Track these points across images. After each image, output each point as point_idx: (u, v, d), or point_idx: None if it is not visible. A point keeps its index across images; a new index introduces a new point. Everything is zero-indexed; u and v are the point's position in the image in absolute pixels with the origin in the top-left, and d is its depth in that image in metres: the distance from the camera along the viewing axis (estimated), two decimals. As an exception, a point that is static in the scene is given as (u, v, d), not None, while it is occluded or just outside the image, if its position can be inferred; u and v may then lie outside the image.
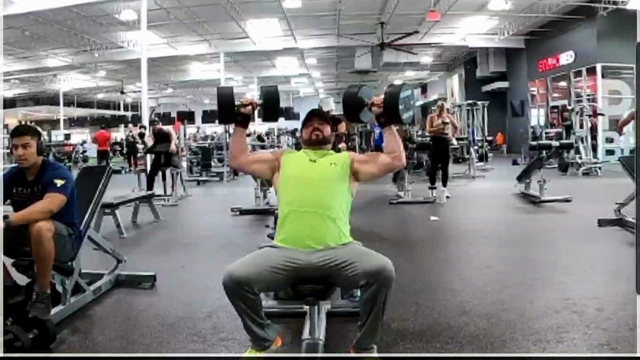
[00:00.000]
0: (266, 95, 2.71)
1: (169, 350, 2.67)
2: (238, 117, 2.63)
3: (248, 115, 2.64)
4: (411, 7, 14.56)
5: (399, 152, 2.52)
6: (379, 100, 2.55)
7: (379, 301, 2.12)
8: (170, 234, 6.09)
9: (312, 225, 2.35)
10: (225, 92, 2.67)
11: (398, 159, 2.52)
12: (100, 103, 33.94)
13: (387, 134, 2.57)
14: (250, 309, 2.18)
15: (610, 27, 13.84)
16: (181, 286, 3.80)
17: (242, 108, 2.61)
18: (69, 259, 3.11)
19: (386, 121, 2.56)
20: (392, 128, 2.57)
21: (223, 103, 2.63)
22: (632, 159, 5.93)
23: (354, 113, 2.69)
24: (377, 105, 2.55)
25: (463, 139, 14.27)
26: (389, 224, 6.52)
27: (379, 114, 2.56)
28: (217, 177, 12.73)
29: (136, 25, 13.55)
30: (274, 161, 2.62)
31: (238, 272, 2.16)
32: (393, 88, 2.55)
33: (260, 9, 14.60)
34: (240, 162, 2.68)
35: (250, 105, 2.61)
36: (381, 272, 2.10)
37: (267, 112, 2.72)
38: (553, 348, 2.55)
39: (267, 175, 2.67)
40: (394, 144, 2.53)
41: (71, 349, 2.71)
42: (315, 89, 33.30)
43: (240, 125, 2.66)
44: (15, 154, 2.98)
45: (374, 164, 2.57)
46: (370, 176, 2.58)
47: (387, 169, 2.59)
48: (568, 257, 4.40)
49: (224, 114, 2.66)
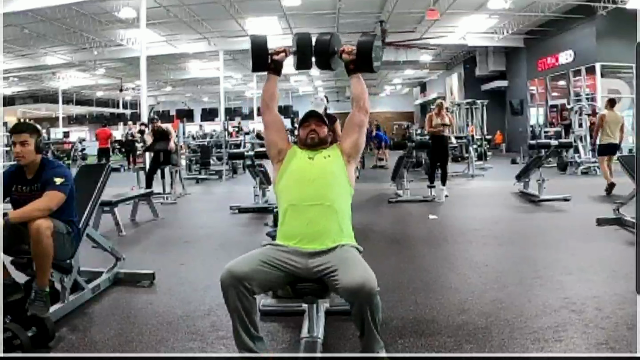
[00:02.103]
0: (299, 41, 2.74)
1: (168, 349, 2.67)
2: (271, 64, 2.68)
3: (281, 62, 2.69)
4: (411, 6, 14.54)
5: (365, 98, 2.65)
6: (350, 48, 2.65)
7: (365, 316, 2.09)
8: (169, 232, 6.08)
9: (312, 218, 2.35)
10: (258, 40, 2.70)
11: (364, 107, 2.65)
12: (99, 101, 33.90)
13: (354, 81, 2.67)
14: (244, 310, 2.13)
15: (609, 26, 13.84)
16: (180, 284, 3.80)
17: (275, 55, 2.66)
18: (68, 257, 3.11)
19: (355, 68, 2.66)
20: (359, 76, 2.67)
21: (256, 51, 2.66)
22: (631, 158, 5.93)
23: (325, 60, 2.76)
24: (347, 52, 2.64)
25: (462, 137, 14.28)
26: (387, 222, 6.52)
27: (349, 61, 2.65)
28: (216, 176, 12.72)
29: (135, 23, 13.52)
30: (286, 146, 2.65)
31: (237, 268, 2.16)
32: (367, 37, 2.65)
33: (260, 7, 14.58)
34: (270, 116, 2.69)
35: (284, 52, 2.67)
36: (360, 291, 2.05)
37: (300, 58, 2.75)
38: (551, 347, 2.56)
39: (275, 150, 2.65)
40: (360, 92, 2.65)
41: (70, 347, 2.71)
42: (314, 87, 33.29)
43: (273, 72, 2.70)
44: (14, 151, 2.98)
45: (348, 129, 2.67)
46: (353, 143, 2.63)
47: (359, 124, 2.65)
48: (567, 256, 4.40)
49: (257, 62, 2.68)
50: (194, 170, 13.55)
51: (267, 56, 2.67)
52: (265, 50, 2.66)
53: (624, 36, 12.47)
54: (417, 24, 16.67)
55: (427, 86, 31.37)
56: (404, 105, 37.27)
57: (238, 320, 2.15)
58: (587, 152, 12.11)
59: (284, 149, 2.62)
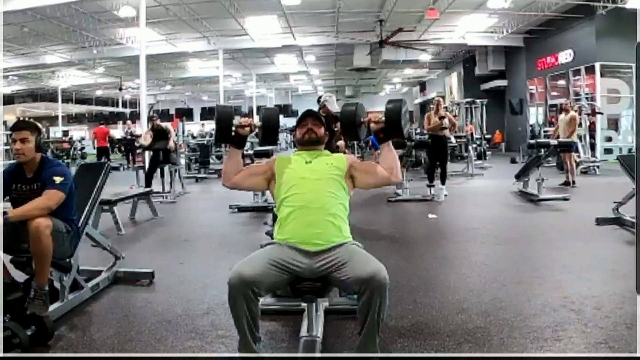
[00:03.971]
0: (265, 117, 2.68)
1: (167, 348, 2.67)
2: (235, 137, 2.61)
3: (245, 136, 2.63)
4: (410, 5, 14.53)
5: (397, 168, 2.59)
6: (376, 117, 2.58)
7: (373, 308, 2.09)
8: (168, 231, 6.08)
9: (311, 223, 2.35)
10: (224, 111, 2.63)
11: (395, 175, 2.59)
12: (98, 100, 33.83)
13: (385, 150, 2.61)
14: (250, 313, 2.13)
15: (609, 26, 13.83)
16: (179, 283, 3.80)
17: (240, 129, 2.59)
18: (67, 256, 3.11)
19: (385, 137, 2.59)
20: (390, 144, 2.61)
21: (222, 122, 2.59)
22: (630, 157, 5.93)
23: (352, 130, 2.70)
24: (374, 121, 2.58)
25: (462, 137, 14.27)
26: (387, 221, 6.53)
27: (377, 130, 2.58)
28: (215, 175, 12.71)
29: (135, 21, 13.49)
30: (268, 171, 2.62)
31: (246, 271, 2.13)
32: (394, 104, 2.57)
33: (260, 6, 14.57)
34: (235, 181, 2.64)
35: (249, 127, 2.60)
36: (372, 279, 2.07)
37: (265, 134, 2.70)
38: (550, 346, 2.56)
39: (263, 187, 2.67)
40: (392, 161, 2.58)
41: (69, 345, 2.71)
42: (314, 87, 33.27)
43: (236, 146, 2.64)
44: (14, 148, 2.98)
45: (373, 175, 2.60)
46: (366, 186, 2.62)
47: (384, 183, 2.63)
48: (566, 255, 4.40)
49: (221, 134, 2.62)
50: (193, 169, 13.55)
51: (231, 129, 2.59)
52: (230, 123, 2.59)
53: (623, 36, 12.46)
54: (417, 23, 16.66)
55: (427, 85, 31.35)
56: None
57: (246, 325, 2.14)
58: (586, 152, 12.11)
59: (270, 175, 2.61)
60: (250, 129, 2.60)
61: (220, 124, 2.59)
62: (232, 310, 2.14)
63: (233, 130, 2.59)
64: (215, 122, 2.61)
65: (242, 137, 2.63)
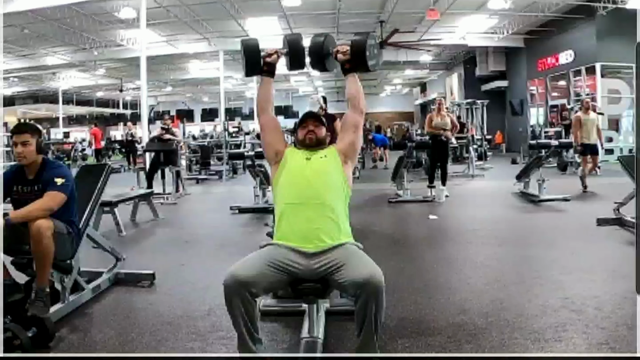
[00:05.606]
0: (290, 43, 2.75)
1: (168, 349, 2.67)
2: (264, 66, 2.70)
3: (274, 64, 2.71)
4: (411, 6, 14.54)
5: (360, 98, 2.66)
6: (345, 48, 2.65)
7: (369, 311, 2.07)
8: (169, 233, 6.09)
9: (309, 217, 2.35)
10: (250, 44, 2.71)
11: (358, 107, 2.66)
12: (99, 101, 33.87)
13: (350, 79, 2.68)
14: (247, 314, 2.12)
15: (609, 26, 13.83)
16: (180, 285, 3.80)
17: (267, 57, 2.68)
18: (68, 257, 3.11)
19: (350, 68, 2.66)
20: (355, 75, 2.68)
21: (249, 55, 2.68)
22: (631, 158, 5.93)
23: (320, 61, 2.78)
24: (342, 52, 2.65)
25: (462, 137, 14.27)
26: (388, 222, 6.53)
27: (344, 61, 2.65)
28: (216, 176, 12.72)
29: (135, 23, 13.52)
30: (283, 148, 2.65)
31: (241, 272, 2.13)
32: (360, 37, 2.64)
33: (260, 7, 14.58)
34: (266, 119, 2.70)
35: (276, 54, 2.69)
36: (368, 283, 2.06)
37: (292, 59, 2.77)
38: (552, 347, 2.56)
39: (271, 151, 2.65)
40: (355, 91, 2.67)
41: (70, 347, 2.71)
42: (314, 88, 33.27)
43: (266, 74, 2.72)
44: (15, 151, 2.99)
45: (344, 130, 2.68)
46: (349, 144, 2.63)
47: (355, 125, 2.66)
48: (567, 256, 4.40)
49: (250, 66, 2.69)
50: (194, 171, 13.55)
51: (259, 59, 2.68)
52: (257, 53, 2.67)
53: (624, 36, 12.46)
54: (418, 24, 16.67)
55: (428, 86, 31.36)
56: (404, 105, 37.26)
57: (244, 327, 2.14)
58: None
59: (281, 150, 2.62)
60: (277, 56, 2.69)
61: (249, 57, 2.68)
62: (229, 311, 2.14)
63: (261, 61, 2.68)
64: (242, 56, 2.69)
65: (271, 65, 2.71)
